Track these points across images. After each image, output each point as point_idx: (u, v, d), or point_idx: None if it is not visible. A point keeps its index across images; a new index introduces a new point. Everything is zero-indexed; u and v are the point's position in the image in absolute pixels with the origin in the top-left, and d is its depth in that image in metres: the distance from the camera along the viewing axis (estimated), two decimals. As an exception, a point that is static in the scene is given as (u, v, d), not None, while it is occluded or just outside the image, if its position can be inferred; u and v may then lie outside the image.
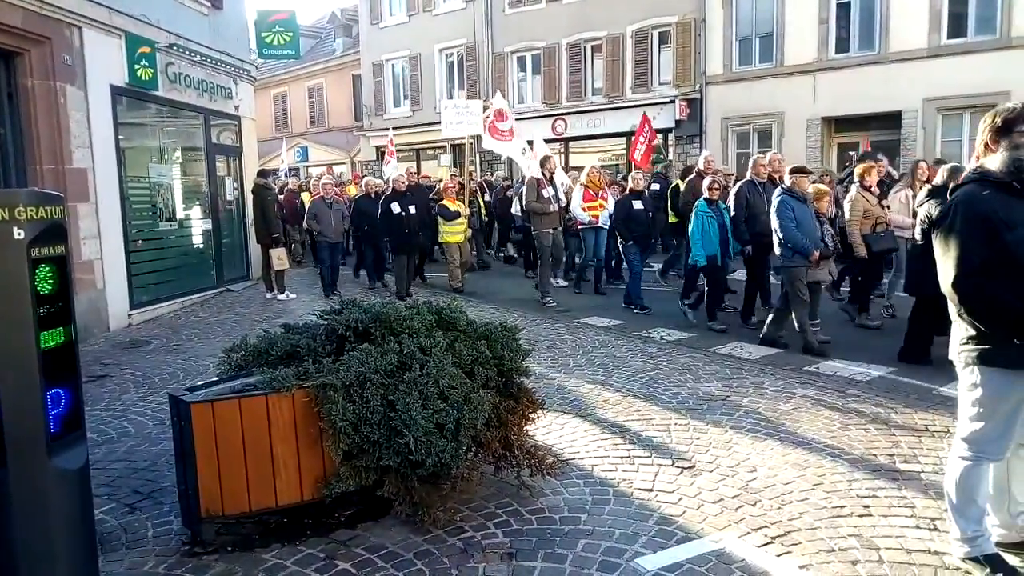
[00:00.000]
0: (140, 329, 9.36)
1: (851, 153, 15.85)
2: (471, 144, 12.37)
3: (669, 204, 11.38)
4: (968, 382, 2.97)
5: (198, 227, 11.77)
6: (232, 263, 12.63)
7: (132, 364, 7.46)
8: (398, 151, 26.69)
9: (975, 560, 3.01)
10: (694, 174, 10.48)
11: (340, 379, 3.48)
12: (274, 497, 3.50)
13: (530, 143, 12.03)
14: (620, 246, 9.88)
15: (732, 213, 8.35)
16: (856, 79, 16.59)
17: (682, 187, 10.83)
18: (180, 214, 11.41)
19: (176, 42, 10.73)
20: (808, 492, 3.87)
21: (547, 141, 12.46)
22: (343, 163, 29.03)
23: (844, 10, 17.03)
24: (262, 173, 12.01)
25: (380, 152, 27.74)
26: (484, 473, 3.98)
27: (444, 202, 11.44)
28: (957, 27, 15.59)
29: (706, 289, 8.51)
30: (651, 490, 3.97)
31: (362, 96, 27.94)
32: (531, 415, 4.11)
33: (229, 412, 3.42)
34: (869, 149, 15.45)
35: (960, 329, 2.96)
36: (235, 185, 12.89)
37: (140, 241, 10.16)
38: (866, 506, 3.69)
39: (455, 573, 3.19)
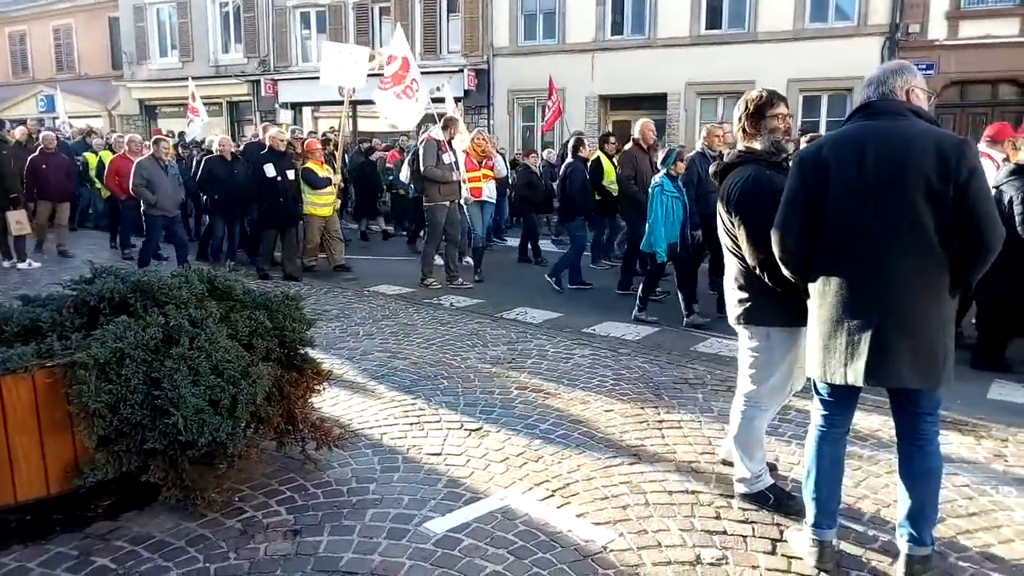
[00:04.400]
0: None
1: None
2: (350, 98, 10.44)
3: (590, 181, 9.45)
4: (755, 340, 3.26)
5: (-92, 183, 9.88)
6: (-43, 227, 10.78)
7: None
8: (166, 106, 24.43)
9: (759, 494, 3.36)
10: (630, 144, 8.69)
11: (92, 356, 3.10)
12: (12, 492, 3.07)
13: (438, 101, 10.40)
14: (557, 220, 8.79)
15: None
16: (629, 61, 17.78)
17: (604, 160, 9.38)
18: None
19: None
20: (584, 446, 4.13)
21: (332, 103, 11.40)
22: (99, 116, 25.83)
23: (619, -6, 18.13)
24: (-6, 122, 10.31)
25: (144, 106, 25.17)
26: (265, 450, 3.77)
27: (310, 165, 9.60)
28: (713, 19, 17.26)
29: (648, 273, 7.42)
30: (440, 454, 4.01)
31: (121, 42, 24.99)
32: (316, 387, 3.95)
33: (-51, 399, 2.92)
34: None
35: (740, 293, 3.24)
36: (-41, 135, 10.98)
37: None
38: (635, 455, 4.00)
39: (233, 557, 3.00)
